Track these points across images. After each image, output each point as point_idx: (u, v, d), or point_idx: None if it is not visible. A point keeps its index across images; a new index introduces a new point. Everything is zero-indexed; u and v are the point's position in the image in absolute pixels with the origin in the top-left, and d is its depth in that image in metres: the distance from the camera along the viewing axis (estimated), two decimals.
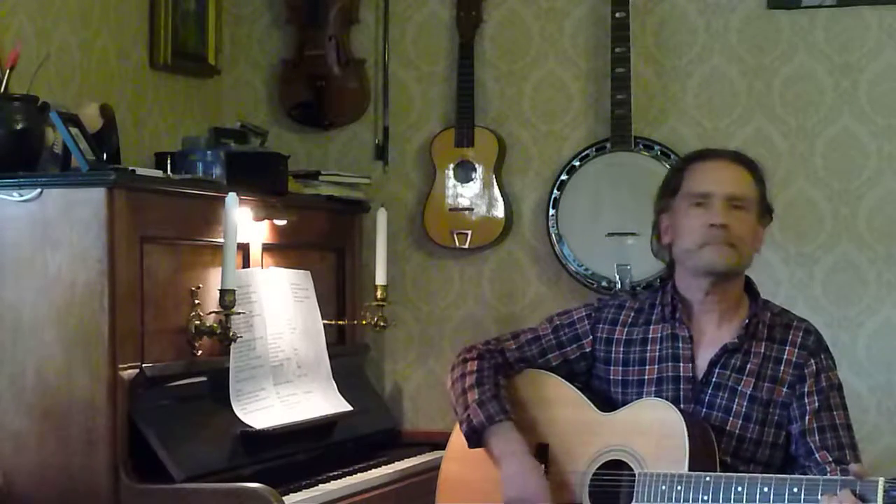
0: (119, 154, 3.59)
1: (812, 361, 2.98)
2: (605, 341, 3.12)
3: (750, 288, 3.09)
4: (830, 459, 2.87)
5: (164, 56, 4.28)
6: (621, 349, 3.09)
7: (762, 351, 3.00)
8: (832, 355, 3.05)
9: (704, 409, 2.98)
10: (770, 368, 2.98)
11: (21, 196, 3.27)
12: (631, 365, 3.07)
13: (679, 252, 3.03)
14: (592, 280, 4.26)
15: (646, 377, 3.04)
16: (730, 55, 4.27)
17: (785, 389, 2.97)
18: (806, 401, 2.95)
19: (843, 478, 2.64)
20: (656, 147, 4.24)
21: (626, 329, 3.11)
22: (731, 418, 2.96)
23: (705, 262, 2.97)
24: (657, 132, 4.30)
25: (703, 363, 3.01)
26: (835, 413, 2.95)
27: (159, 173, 3.58)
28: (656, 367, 3.03)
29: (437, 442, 3.72)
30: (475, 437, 3.05)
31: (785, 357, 2.99)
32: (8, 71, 3.37)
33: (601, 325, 3.13)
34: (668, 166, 4.15)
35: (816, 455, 2.90)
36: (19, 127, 3.32)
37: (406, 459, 3.92)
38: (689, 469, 2.80)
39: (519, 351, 3.19)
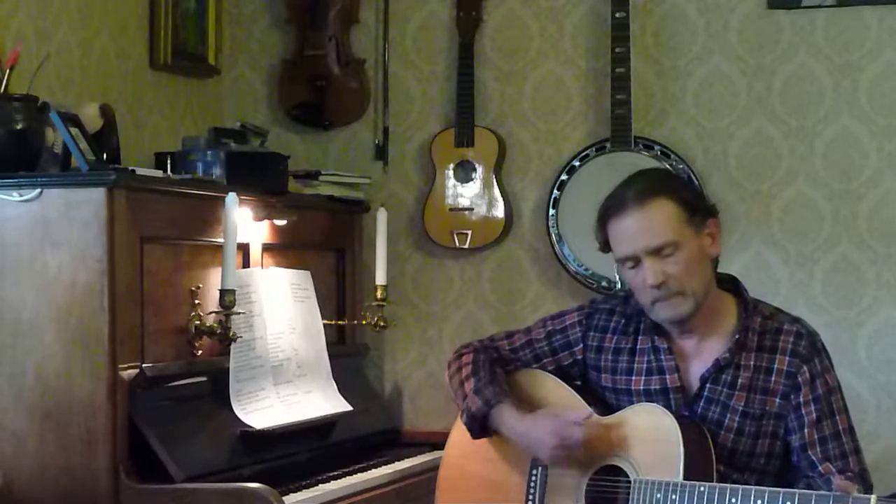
0: (119, 154, 3.59)
1: (805, 368, 2.91)
2: (595, 349, 3.09)
3: (737, 289, 3.02)
4: (834, 471, 2.82)
5: (164, 56, 4.28)
6: (610, 357, 3.07)
7: (752, 363, 2.93)
8: (828, 355, 2.97)
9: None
10: (762, 380, 2.92)
11: (21, 196, 3.27)
12: (619, 374, 3.05)
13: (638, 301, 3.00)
14: (592, 280, 4.26)
15: (633, 387, 3.02)
16: (730, 55, 4.26)
17: (778, 400, 2.91)
18: (803, 411, 2.89)
19: (836, 494, 2.60)
20: (656, 147, 4.24)
21: (615, 337, 3.07)
22: (722, 432, 2.92)
23: (663, 317, 2.93)
24: (657, 132, 4.30)
25: (693, 376, 2.97)
26: (837, 418, 2.89)
27: (159, 173, 3.59)
28: (643, 378, 3.00)
29: (437, 442, 3.72)
30: (476, 426, 3.04)
31: (776, 367, 2.92)
32: (8, 71, 3.37)
33: (591, 333, 3.10)
34: (668, 167, 4.16)
35: (819, 468, 2.85)
36: (19, 127, 3.32)
37: (406, 459, 3.92)
38: (685, 476, 2.79)
39: (513, 353, 3.18)
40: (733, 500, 2.69)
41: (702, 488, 2.74)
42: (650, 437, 2.88)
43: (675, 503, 2.76)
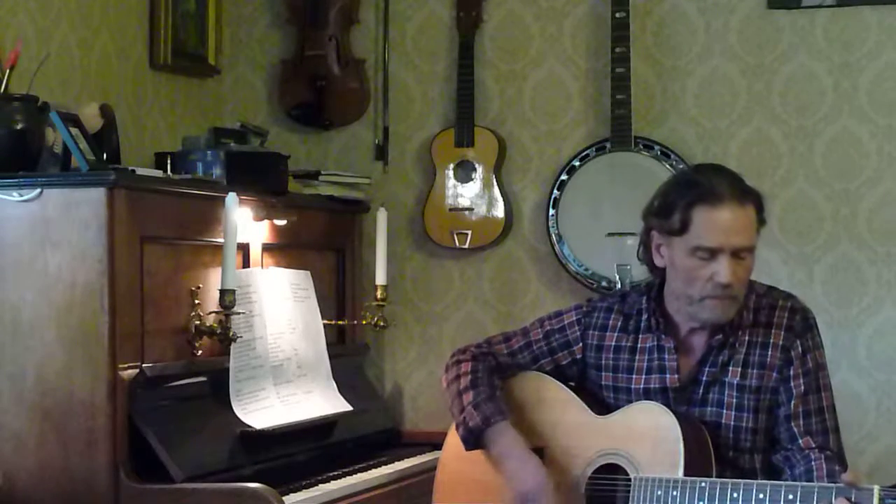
0: (119, 154, 3.59)
1: (798, 342, 2.96)
2: (594, 348, 3.10)
3: None
4: (814, 445, 2.88)
5: (164, 56, 4.28)
6: (611, 355, 3.08)
7: (748, 338, 2.97)
8: (818, 332, 3.02)
9: (697, 409, 2.97)
10: (758, 354, 2.96)
11: (21, 196, 3.27)
12: (620, 372, 3.06)
13: (675, 287, 2.97)
14: (592, 280, 4.26)
15: (632, 386, 3.03)
16: (730, 55, 4.27)
17: (774, 374, 2.95)
18: (792, 384, 2.94)
19: (838, 485, 2.63)
20: (656, 147, 4.24)
21: (615, 334, 3.08)
22: (724, 411, 2.95)
23: (705, 316, 2.93)
24: (657, 132, 4.30)
25: (693, 364, 2.99)
26: (822, 394, 2.95)
27: (159, 173, 3.59)
28: (643, 377, 3.02)
29: (437, 442, 3.70)
30: (472, 440, 3.04)
31: (772, 341, 2.96)
32: (8, 71, 3.37)
33: (591, 332, 3.11)
34: (668, 167, 4.16)
35: (800, 441, 2.90)
36: (19, 127, 3.32)
37: (406, 459, 3.92)
38: (685, 473, 2.80)
39: (511, 356, 3.17)
40: (734, 495, 2.72)
41: (703, 484, 2.76)
42: (650, 434, 2.90)
43: (675, 499, 2.78)
